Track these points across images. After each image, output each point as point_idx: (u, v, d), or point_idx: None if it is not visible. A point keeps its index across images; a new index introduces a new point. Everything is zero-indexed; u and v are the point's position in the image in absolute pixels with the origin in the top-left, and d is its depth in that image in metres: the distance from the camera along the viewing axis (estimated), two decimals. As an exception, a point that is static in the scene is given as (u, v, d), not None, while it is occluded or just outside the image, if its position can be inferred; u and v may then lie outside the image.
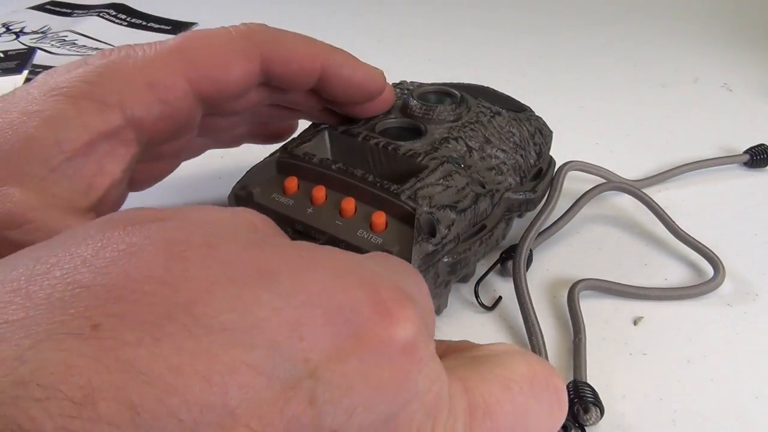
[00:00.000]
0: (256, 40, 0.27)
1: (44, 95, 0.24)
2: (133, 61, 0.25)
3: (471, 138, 0.31)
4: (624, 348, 0.29)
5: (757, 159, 0.42)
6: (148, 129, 0.25)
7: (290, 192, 0.28)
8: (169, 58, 0.25)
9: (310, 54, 0.27)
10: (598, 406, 0.24)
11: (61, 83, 0.24)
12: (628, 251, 0.35)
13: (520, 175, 0.32)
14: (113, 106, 0.24)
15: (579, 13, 0.73)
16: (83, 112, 0.23)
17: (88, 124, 0.23)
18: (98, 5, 0.70)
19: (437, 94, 0.34)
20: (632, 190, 0.36)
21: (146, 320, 0.12)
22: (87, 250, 0.14)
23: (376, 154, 0.29)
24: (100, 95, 0.24)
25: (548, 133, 0.36)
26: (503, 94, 0.37)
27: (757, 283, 0.33)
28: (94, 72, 0.24)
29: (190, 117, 0.26)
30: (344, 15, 0.71)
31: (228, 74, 0.26)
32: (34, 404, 0.11)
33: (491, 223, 0.29)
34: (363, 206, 0.27)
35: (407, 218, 0.26)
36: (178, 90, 0.25)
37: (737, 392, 0.27)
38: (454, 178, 0.28)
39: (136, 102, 0.24)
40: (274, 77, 0.27)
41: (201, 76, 0.25)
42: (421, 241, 0.26)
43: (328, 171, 0.28)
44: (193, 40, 0.26)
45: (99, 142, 0.24)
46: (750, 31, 0.68)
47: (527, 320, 0.28)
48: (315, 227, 0.27)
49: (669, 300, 0.31)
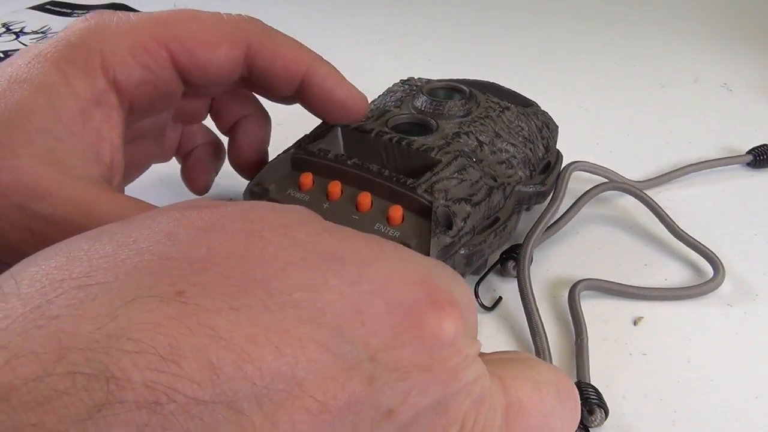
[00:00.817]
0: (245, 29, 0.27)
1: (29, 63, 0.24)
2: (117, 25, 0.25)
3: (481, 132, 0.32)
4: (624, 348, 0.29)
5: (760, 159, 0.42)
6: (128, 93, 0.25)
7: (305, 188, 0.29)
8: (154, 27, 0.25)
9: (296, 57, 0.27)
10: (603, 407, 0.24)
11: (44, 49, 0.24)
12: (628, 251, 0.35)
13: (529, 169, 0.33)
14: (95, 69, 0.24)
15: (579, 12, 0.73)
16: (70, 78, 0.23)
17: (77, 91, 0.23)
18: (98, 5, 0.70)
19: (446, 90, 0.34)
20: (632, 189, 0.36)
21: (226, 291, 0.13)
22: (168, 226, 0.15)
23: (389, 149, 0.30)
24: (83, 59, 0.24)
25: (554, 128, 0.36)
26: (509, 90, 0.37)
27: (757, 283, 0.33)
28: (76, 34, 0.24)
29: (170, 90, 0.26)
30: (344, 15, 0.71)
31: (211, 54, 0.26)
32: (125, 355, 0.12)
33: (504, 216, 0.30)
34: (379, 200, 0.28)
35: (424, 212, 0.27)
36: (160, 58, 0.25)
37: (737, 392, 0.27)
38: (468, 171, 0.29)
39: (117, 64, 0.24)
40: (256, 73, 0.27)
41: (183, 50, 0.25)
42: (439, 233, 0.26)
43: (343, 166, 0.28)
44: (180, 14, 0.26)
45: (91, 109, 0.24)
46: (750, 31, 0.68)
47: (531, 321, 0.28)
48: (332, 222, 0.27)
49: (669, 300, 0.31)
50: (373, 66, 0.54)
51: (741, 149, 0.44)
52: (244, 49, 0.26)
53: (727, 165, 0.43)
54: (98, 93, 0.24)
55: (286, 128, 0.35)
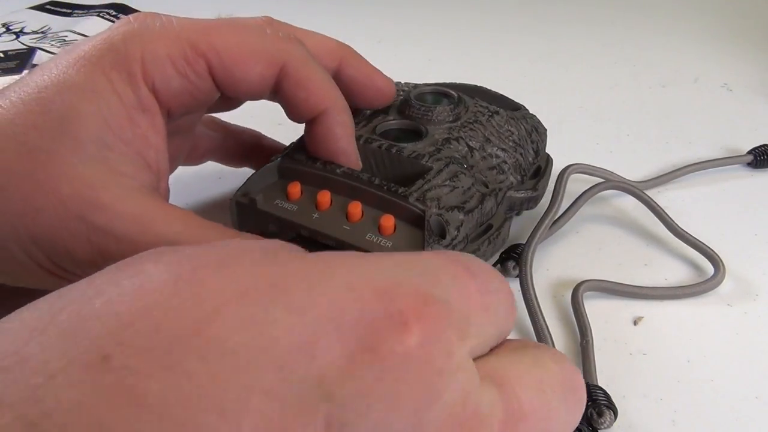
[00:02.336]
0: (284, 49, 0.26)
1: (74, 66, 0.23)
2: (159, 31, 0.24)
3: (471, 138, 0.31)
4: (624, 348, 0.29)
5: (761, 159, 0.42)
6: (167, 101, 0.25)
7: (294, 197, 0.28)
8: (195, 36, 0.25)
9: (321, 94, 0.27)
10: (612, 408, 0.24)
11: (88, 51, 0.24)
12: (628, 251, 0.35)
13: (520, 174, 0.32)
14: (137, 75, 0.24)
15: (579, 13, 0.73)
16: (116, 84, 0.23)
17: (123, 98, 0.23)
18: (98, 5, 0.70)
19: (434, 94, 0.34)
20: (631, 189, 0.36)
21: (157, 347, 0.12)
22: (100, 280, 0.14)
23: (378, 156, 0.29)
24: (126, 65, 0.24)
25: (543, 131, 0.36)
26: (497, 93, 0.37)
27: (757, 283, 0.33)
28: (119, 37, 0.24)
29: (205, 97, 0.26)
30: (344, 15, 0.71)
31: (245, 72, 0.25)
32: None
33: (497, 223, 0.30)
34: (370, 210, 0.27)
35: (416, 221, 0.26)
36: (198, 68, 0.25)
37: (737, 392, 0.27)
38: (459, 178, 0.28)
39: (157, 72, 0.24)
40: (279, 92, 0.27)
41: (220, 63, 0.25)
42: (432, 243, 0.25)
43: (332, 175, 0.27)
44: (223, 26, 0.26)
45: (137, 115, 0.24)
46: (750, 31, 0.68)
47: (536, 324, 0.28)
48: (322, 232, 0.26)
49: (670, 299, 0.31)
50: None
51: (741, 149, 0.44)
52: (277, 69, 0.26)
53: (728, 165, 0.43)
54: (142, 99, 0.24)
55: (287, 128, 0.35)
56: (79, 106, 0.22)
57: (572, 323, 0.29)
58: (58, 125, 0.22)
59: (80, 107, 0.22)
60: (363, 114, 0.33)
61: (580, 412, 0.18)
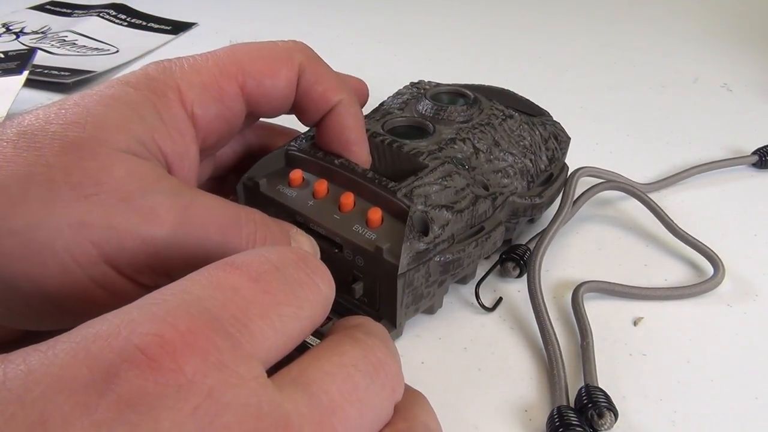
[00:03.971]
0: (296, 49, 0.27)
1: (116, 86, 0.23)
2: (189, 64, 0.25)
3: (479, 140, 0.31)
4: (624, 348, 0.29)
5: (766, 160, 0.42)
6: (203, 128, 0.25)
7: (295, 184, 0.29)
8: (222, 63, 0.26)
9: (334, 86, 0.28)
10: (612, 410, 0.24)
11: (129, 79, 0.24)
12: (627, 252, 0.35)
13: (527, 180, 0.32)
14: (176, 101, 0.24)
15: (579, 13, 0.73)
16: (157, 105, 0.24)
17: (164, 119, 0.24)
18: (98, 5, 0.70)
19: (451, 94, 0.34)
20: (631, 190, 0.36)
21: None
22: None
23: (381, 151, 0.30)
24: (162, 90, 0.24)
25: (565, 139, 0.36)
26: (522, 98, 0.37)
27: (757, 283, 0.33)
28: (155, 70, 0.25)
29: (237, 122, 0.27)
30: (344, 15, 0.71)
31: (274, 81, 0.26)
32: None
33: (490, 226, 0.29)
34: (361, 202, 0.28)
35: (402, 216, 0.27)
36: (232, 92, 0.26)
37: (737, 392, 0.27)
38: (453, 178, 0.28)
39: (195, 98, 0.25)
40: (296, 94, 0.28)
41: (252, 80, 0.26)
42: (412, 239, 0.26)
43: (330, 165, 0.28)
44: (243, 48, 0.27)
45: (177, 137, 0.24)
46: (750, 31, 0.68)
47: (542, 327, 0.28)
48: (313, 220, 0.27)
49: (670, 300, 0.31)
50: (373, 66, 0.55)
51: (740, 149, 0.44)
52: (297, 71, 0.27)
53: (733, 165, 0.43)
54: (180, 123, 0.24)
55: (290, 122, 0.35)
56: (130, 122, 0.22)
57: (572, 324, 0.29)
58: (99, 127, 0.22)
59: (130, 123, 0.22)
60: (378, 111, 0.33)
61: (391, 383, 0.17)
